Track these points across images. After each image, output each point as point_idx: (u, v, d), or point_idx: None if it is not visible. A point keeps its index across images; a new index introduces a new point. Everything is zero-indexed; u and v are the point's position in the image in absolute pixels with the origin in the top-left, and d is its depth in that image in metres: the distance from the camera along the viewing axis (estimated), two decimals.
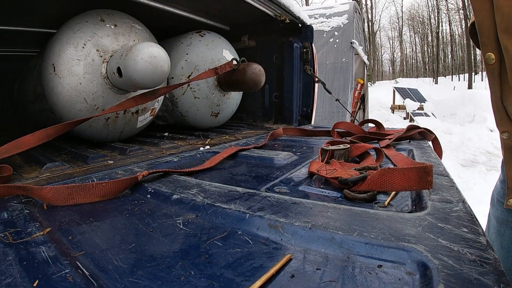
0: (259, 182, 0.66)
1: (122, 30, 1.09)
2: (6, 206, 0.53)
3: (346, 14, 4.85)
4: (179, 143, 1.20)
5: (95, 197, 0.55)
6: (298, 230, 0.40)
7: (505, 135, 0.64)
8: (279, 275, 0.32)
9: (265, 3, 1.45)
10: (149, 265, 0.35)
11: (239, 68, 1.31)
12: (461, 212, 0.43)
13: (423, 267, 0.32)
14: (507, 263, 0.73)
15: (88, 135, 1.12)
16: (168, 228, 0.44)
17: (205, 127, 1.57)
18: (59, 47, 1.00)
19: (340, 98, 3.62)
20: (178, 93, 1.41)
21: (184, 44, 1.45)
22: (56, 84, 1.00)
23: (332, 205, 0.47)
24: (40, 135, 0.75)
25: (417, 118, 8.25)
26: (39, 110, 1.27)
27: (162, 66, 0.94)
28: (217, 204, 0.49)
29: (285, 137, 1.28)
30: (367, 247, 0.36)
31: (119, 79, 0.98)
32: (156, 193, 0.58)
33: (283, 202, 0.49)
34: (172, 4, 1.41)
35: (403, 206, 0.50)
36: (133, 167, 0.80)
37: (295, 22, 1.64)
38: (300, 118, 1.78)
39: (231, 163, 0.85)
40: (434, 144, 1.05)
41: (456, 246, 0.33)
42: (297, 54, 1.69)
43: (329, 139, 1.20)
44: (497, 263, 0.30)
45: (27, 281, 0.32)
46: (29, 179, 0.73)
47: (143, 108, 1.19)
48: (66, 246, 0.40)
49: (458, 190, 0.52)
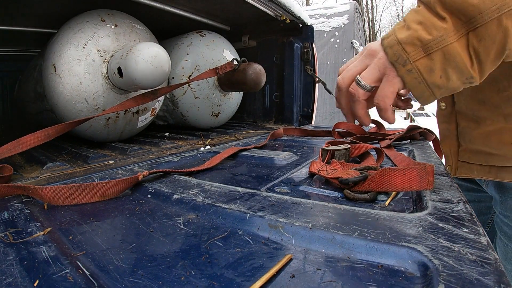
0: (259, 182, 0.66)
1: (123, 30, 1.10)
2: (7, 205, 0.53)
3: (347, 14, 4.85)
4: (180, 143, 1.20)
5: (95, 197, 0.56)
6: (299, 230, 0.40)
7: (443, 104, 0.73)
8: (279, 275, 0.32)
9: (265, 3, 1.45)
10: (149, 265, 0.35)
11: (239, 68, 1.31)
12: (461, 212, 0.43)
13: (424, 267, 0.32)
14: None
15: (88, 135, 1.12)
16: (169, 228, 0.44)
17: (205, 127, 1.57)
18: (60, 47, 1.00)
19: None
20: (178, 93, 1.41)
21: (185, 44, 1.45)
22: (56, 84, 1.00)
23: (332, 205, 0.47)
24: (40, 135, 0.75)
25: (417, 118, 8.24)
26: (40, 110, 1.27)
27: (163, 66, 0.94)
28: (218, 204, 0.49)
29: (286, 137, 1.28)
30: (367, 248, 0.36)
31: (120, 79, 0.98)
32: (156, 193, 0.58)
33: (283, 202, 0.49)
34: (173, 4, 1.42)
35: (403, 206, 0.50)
36: (134, 167, 0.80)
37: (296, 22, 1.64)
38: (300, 118, 1.78)
39: (232, 163, 0.85)
40: (434, 144, 1.04)
41: (456, 247, 0.33)
42: (297, 54, 1.69)
43: (329, 139, 1.20)
44: (498, 264, 0.30)
45: (28, 281, 0.32)
46: (29, 179, 0.73)
47: (144, 108, 1.19)
48: (67, 246, 0.40)
49: (458, 190, 0.52)
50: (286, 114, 1.77)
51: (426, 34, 0.46)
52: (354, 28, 4.80)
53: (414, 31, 0.46)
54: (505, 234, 0.72)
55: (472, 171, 0.70)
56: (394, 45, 0.48)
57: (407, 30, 0.48)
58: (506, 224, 0.71)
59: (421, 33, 0.46)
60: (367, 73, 0.53)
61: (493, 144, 0.63)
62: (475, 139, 0.66)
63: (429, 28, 0.46)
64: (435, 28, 0.45)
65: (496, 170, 0.66)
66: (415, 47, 0.46)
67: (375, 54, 0.52)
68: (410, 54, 0.47)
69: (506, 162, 0.64)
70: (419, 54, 0.46)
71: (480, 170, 0.68)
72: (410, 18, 0.48)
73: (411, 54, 0.47)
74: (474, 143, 0.67)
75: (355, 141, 0.88)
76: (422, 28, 0.46)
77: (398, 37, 0.48)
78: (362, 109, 0.57)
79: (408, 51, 0.47)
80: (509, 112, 0.61)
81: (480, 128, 0.65)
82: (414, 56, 0.47)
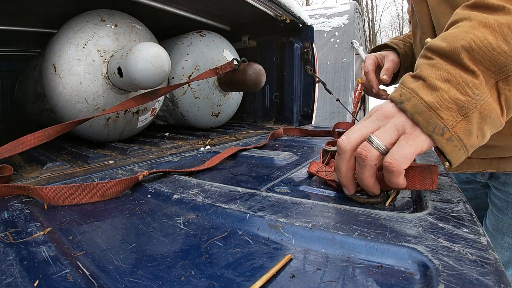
0: (259, 182, 0.66)
1: (123, 30, 1.10)
2: (7, 205, 0.53)
3: (347, 14, 4.84)
4: (180, 143, 1.20)
5: (95, 197, 0.56)
6: (299, 230, 0.40)
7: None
8: (279, 275, 0.32)
9: (265, 3, 1.45)
10: (149, 265, 0.35)
11: (239, 68, 1.31)
12: (461, 212, 0.43)
13: (424, 267, 0.32)
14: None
15: (88, 135, 1.12)
16: (169, 228, 0.44)
17: (205, 127, 1.58)
18: (60, 47, 1.00)
19: (340, 98, 3.62)
20: (178, 93, 1.41)
21: (185, 44, 1.45)
22: (56, 84, 1.00)
23: (332, 205, 0.47)
24: (40, 135, 0.75)
25: None
26: (40, 110, 1.27)
27: (163, 66, 0.94)
28: (218, 204, 0.49)
29: (286, 137, 1.28)
30: (367, 248, 0.36)
31: (120, 79, 0.98)
32: (156, 193, 0.58)
33: (283, 202, 0.49)
34: (173, 4, 1.42)
35: (403, 206, 0.50)
36: (134, 167, 0.80)
37: (296, 22, 1.64)
38: (300, 118, 1.78)
39: (232, 163, 0.85)
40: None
41: (456, 247, 0.33)
42: (297, 54, 1.69)
43: (329, 139, 1.20)
44: (498, 264, 0.30)
45: (28, 281, 0.32)
46: (29, 179, 0.73)
47: (144, 108, 1.19)
48: (67, 246, 0.40)
49: (458, 190, 0.52)
50: (286, 114, 1.77)
51: (460, 94, 0.40)
52: (354, 28, 4.79)
53: (445, 92, 0.40)
54: (496, 207, 0.75)
55: (473, 166, 0.69)
56: (424, 112, 0.41)
57: (434, 91, 0.41)
58: (497, 197, 0.74)
59: (453, 93, 0.40)
60: (381, 133, 0.44)
61: (492, 136, 0.63)
62: None
63: (461, 86, 0.40)
64: (468, 86, 0.40)
65: (497, 161, 0.66)
66: (451, 111, 0.40)
67: (391, 115, 0.44)
68: (446, 121, 0.40)
69: (507, 152, 0.64)
70: (456, 119, 0.40)
71: (481, 163, 0.68)
72: (431, 74, 0.42)
73: (448, 120, 0.40)
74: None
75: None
76: (452, 87, 0.40)
77: (426, 100, 0.41)
78: (372, 176, 0.46)
79: (444, 117, 0.40)
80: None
81: None
82: (451, 122, 0.40)
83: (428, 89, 0.42)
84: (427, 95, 0.41)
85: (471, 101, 0.40)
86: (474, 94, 0.40)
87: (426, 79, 0.42)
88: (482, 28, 0.41)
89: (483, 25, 0.41)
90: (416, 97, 0.42)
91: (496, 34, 0.40)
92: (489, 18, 0.41)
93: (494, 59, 0.39)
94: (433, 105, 0.40)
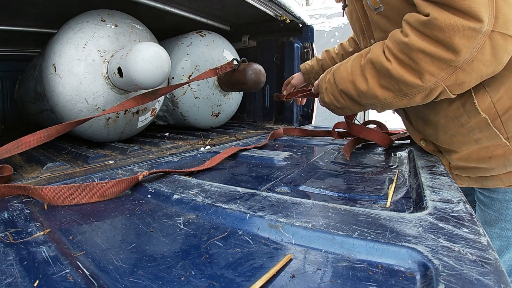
0: (259, 182, 0.66)
1: (123, 30, 1.10)
2: (7, 206, 0.53)
3: None
4: (180, 143, 1.20)
5: (95, 197, 0.56)
6: (299, 230, 0.40)
7: (423, 142, 0.85)
8: (279, 275, 0.32)
9: (265, 3, 1.45)
10: (149, 265, 0.35)
11: (239, 68, 1.31)
12: (461, 212, 0.43)
13: (424, 267, 0.32)
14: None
15: (88, 135, 1.12)
16: (169, 228, 0.44)
17: (205, 127, 1.57)
18: (60, 47, 1.00)
19: None
20: (178, 93, 1.41)
21: (185, 44, 1.45)
22: (56, 84, 1.00)
23: (332, 205, 0.47)
24: (40, 135, 0.75)
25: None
26: (40, 110, 1.28)
27: (163, 66, 0.94)
28: (218, 204, 0.49)
29: (286, 137, 1.28)
30: (367, 248, 0.36)
31: (120, 79, 0.98)
32: (156, 193, 0.58)
33: (283, 202, 0.49)
34: (173, 4, 1.42)
35: (403, 206, 0.50)
36: (134, 167, 0.80)
37: (296, 22, 1.64)
38: (300, 118, 1.78)
39: (232, 163, 0.85)
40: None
41: (456, 247, 0.33)
42: (297, 54, 1.69)
43: (330, 139, 1.20)
44: (498, 263, 0.30)
45: (28, 281, 0.32)
46: (29, 179, 0.73)
47: (144, 108, 1.19)
48: (67, 246, 0.40)
49: (458, 190, 0.52)
50: (286, 114, 1.77)
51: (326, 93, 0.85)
52: None
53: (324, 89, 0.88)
54: (482, 202, 0.86)
55: (464, 181, 0.83)
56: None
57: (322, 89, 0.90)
58: (482, 194, 0.85)
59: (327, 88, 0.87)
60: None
61: (474, 161, 0.75)
62: (458, 160, 0.78)
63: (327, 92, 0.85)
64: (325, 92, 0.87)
65: (482, 179, 0.79)
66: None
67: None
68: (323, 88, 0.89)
69: (488, 172, 0.76)
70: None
71: (470, 180, 0.81)
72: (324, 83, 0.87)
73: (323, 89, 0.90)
74: (459, 163, 0.79)
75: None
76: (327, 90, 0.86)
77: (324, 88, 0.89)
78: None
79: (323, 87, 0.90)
80: (478, 137, 0.71)
81: (459, 153, 0.77)
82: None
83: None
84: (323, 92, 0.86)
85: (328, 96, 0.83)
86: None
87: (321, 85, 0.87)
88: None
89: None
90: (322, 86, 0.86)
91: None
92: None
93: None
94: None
